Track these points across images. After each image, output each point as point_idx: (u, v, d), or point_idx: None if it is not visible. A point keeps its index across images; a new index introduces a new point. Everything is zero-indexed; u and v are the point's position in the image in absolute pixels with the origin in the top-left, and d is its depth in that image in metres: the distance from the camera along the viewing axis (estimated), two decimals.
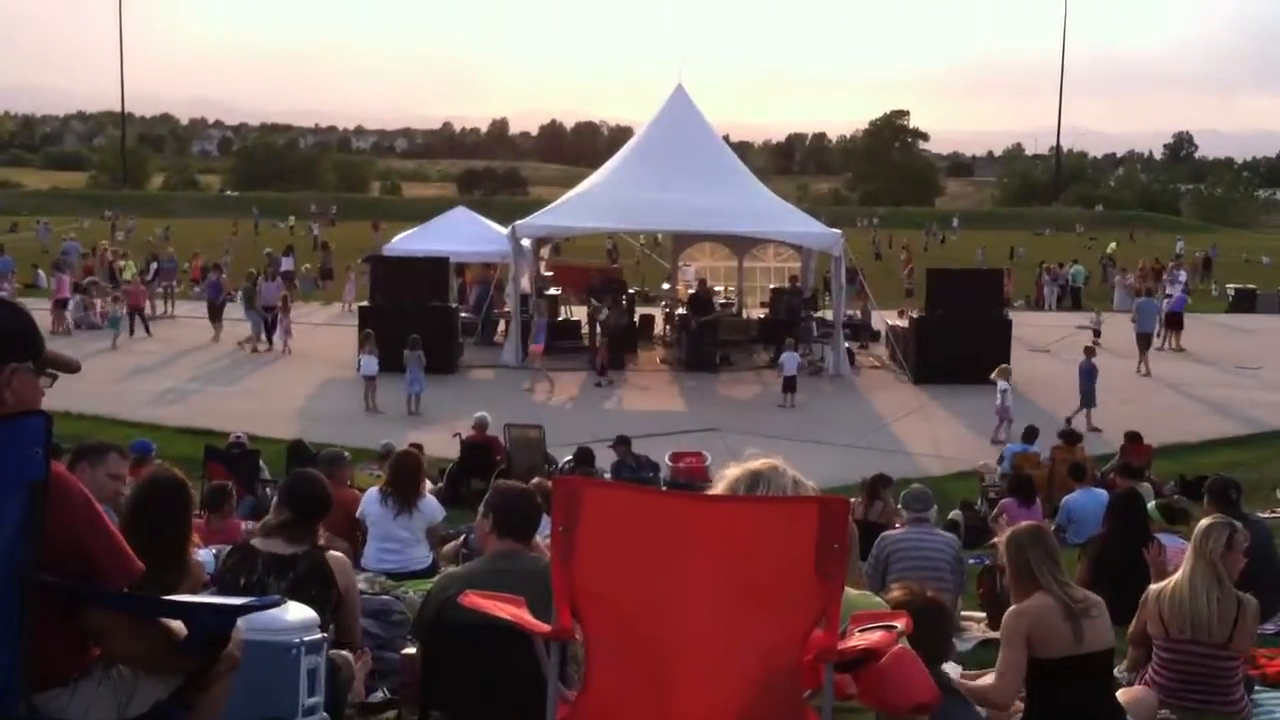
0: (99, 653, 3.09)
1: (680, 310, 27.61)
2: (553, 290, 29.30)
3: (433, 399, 20.78)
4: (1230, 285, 44.65)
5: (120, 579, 3.02)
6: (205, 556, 6.46)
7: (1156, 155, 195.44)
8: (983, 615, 8.60)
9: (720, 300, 29.27)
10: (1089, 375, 20.35)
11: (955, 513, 13.80)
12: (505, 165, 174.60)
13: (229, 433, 15.93)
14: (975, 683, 5.43)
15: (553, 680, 2.80)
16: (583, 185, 28.85)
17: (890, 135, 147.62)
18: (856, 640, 2.74)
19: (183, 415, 19.62)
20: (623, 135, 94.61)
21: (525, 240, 26.04)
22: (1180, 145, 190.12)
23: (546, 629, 2.74)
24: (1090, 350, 21.37)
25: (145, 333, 28.01)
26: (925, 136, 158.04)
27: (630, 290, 30.06)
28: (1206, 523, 6.15)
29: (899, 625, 2.85)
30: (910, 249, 56.32)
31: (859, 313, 28.89)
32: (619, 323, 26.28)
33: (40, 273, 37.96)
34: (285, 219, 78.47)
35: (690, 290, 28.46)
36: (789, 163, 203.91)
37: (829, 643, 2.59)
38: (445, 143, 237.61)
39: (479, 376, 24.13)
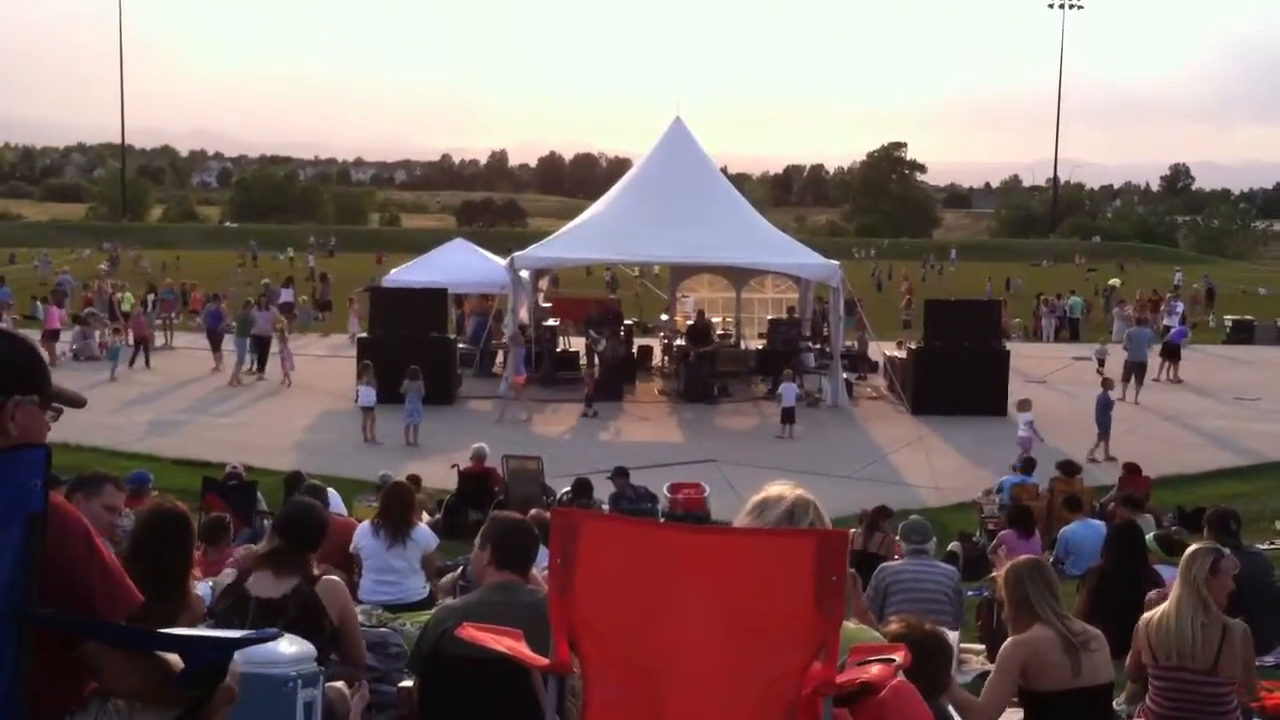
0: (95, 686, 3.08)
1: (679, 341, 27.64)
2: (551, 321, 29.34)
3: (431, 430, 20.76)
4: (1228, 316, 44.73)
5: (118, 612, 3.01)
6: (203, 590, 6.44)
7: (1153, 187, 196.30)
8: (981, 648, 8.58)
9: (718, 331, 29.30)
10: (1105, 407, 20.29)
11: (954, 544, 13.78)
12: (504, 197, 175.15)
13: (226, 464, 15.92)
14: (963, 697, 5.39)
15: (550, 714, 2.79)
16: (581, 217, 28.96)
17: (888, 167, 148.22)
18: (855, 673, 2.73)
19: (180, 446, 19.59)
20: (621, 167, 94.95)
21: (524, 272, 26.10)
22: (1177, 177, 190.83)
23: (544, 662, 2.73)
24: (1108, 383, 21.37)
25: (145, 364, 28.00)
26: (923, 168, 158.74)
27: (628, 321, 30.09)
28: (1192, 549, 6.13)
29: (897, 658, 2.85)
30: (911, 281, 56.50)
31: (855, 343, 28.92)
32: (617, 354, 26.31)
33: (39, 304, 37.96)
34: (284, 250, 78.59)
35: (688, 321, 28.50)
36: (787, 194, 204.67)
37: (827, 676, 2.59)
38: (444, 174, 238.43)
39: (477, 407, 24.11)
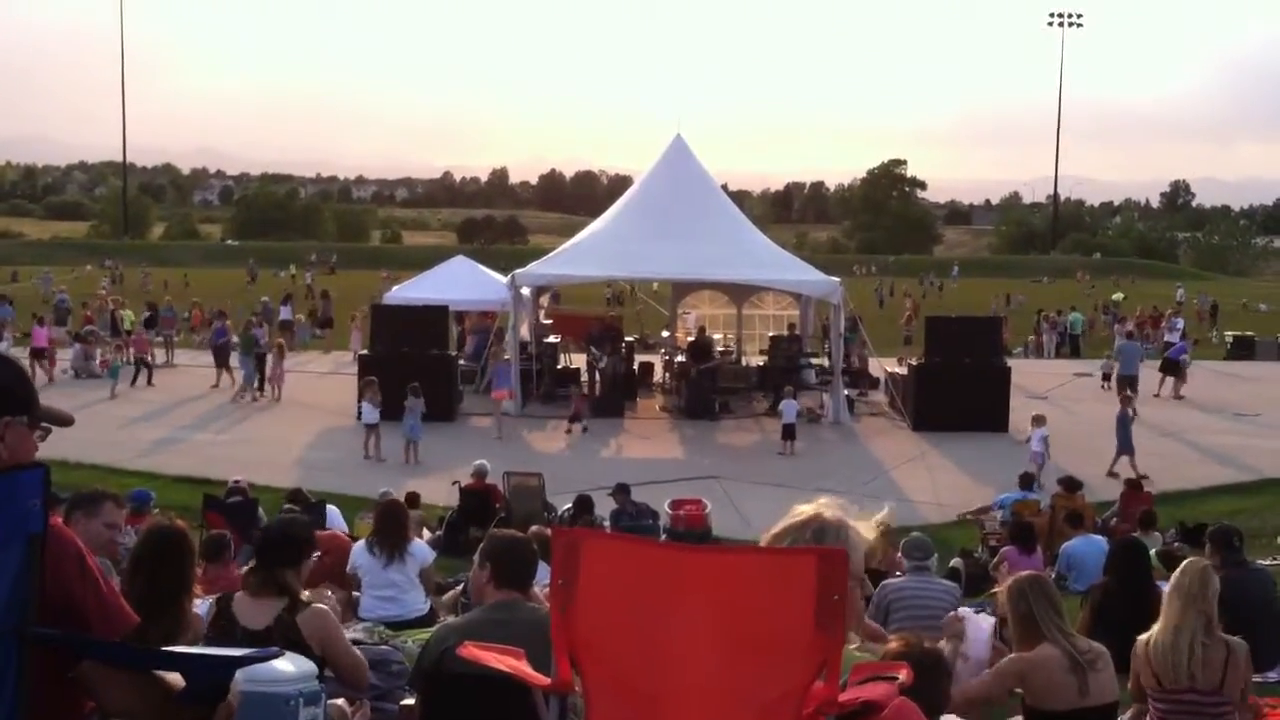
0: (94, 706, 3.07)
1: (680, 358, 27.64)
2: (552, 338, 29.36)
3: (432, 447, 20.75)
4: (1229, 333, 44.73)
5: (113, 632, 3.01)
6: (203, 608, 6.42)
7: (1154, 203, 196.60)
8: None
9: (720, 348, 29.30)
10: (1125, 423, 20.21)
11: (956, 560, 13.75)
12: (505, 214, 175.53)
13: (227, 481, 15.88)
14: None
15: None
16: (582, 234, 28.98)
17: (888, 184, 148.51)
18: (857, 693, 2.72)
19: (181, 464, 19.58)
20: (622, 184, 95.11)
21: (525, 289, 26.12)
22: (1177, 193, 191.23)
23: (546, 681, 2.72)
24: (1128, 399, 21.19)
25: (148, 382, 28.01)
26: (923, 185, 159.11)
27: (629, 338, 30.09)
28: (1185, 563, 6.08)
29: (899, 677, 2.84)
30: (915, 298, 56.61)
31: (856, 359, 28.93)
32: (618, 370, 26.31)
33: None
34: (286, 268, 78.70)
35: (690, 338, 28.50)
36: (787, 211, 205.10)
37: (829, 695, 2.58)
38: (445, 192, 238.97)
39: (478, 424, 24.09)
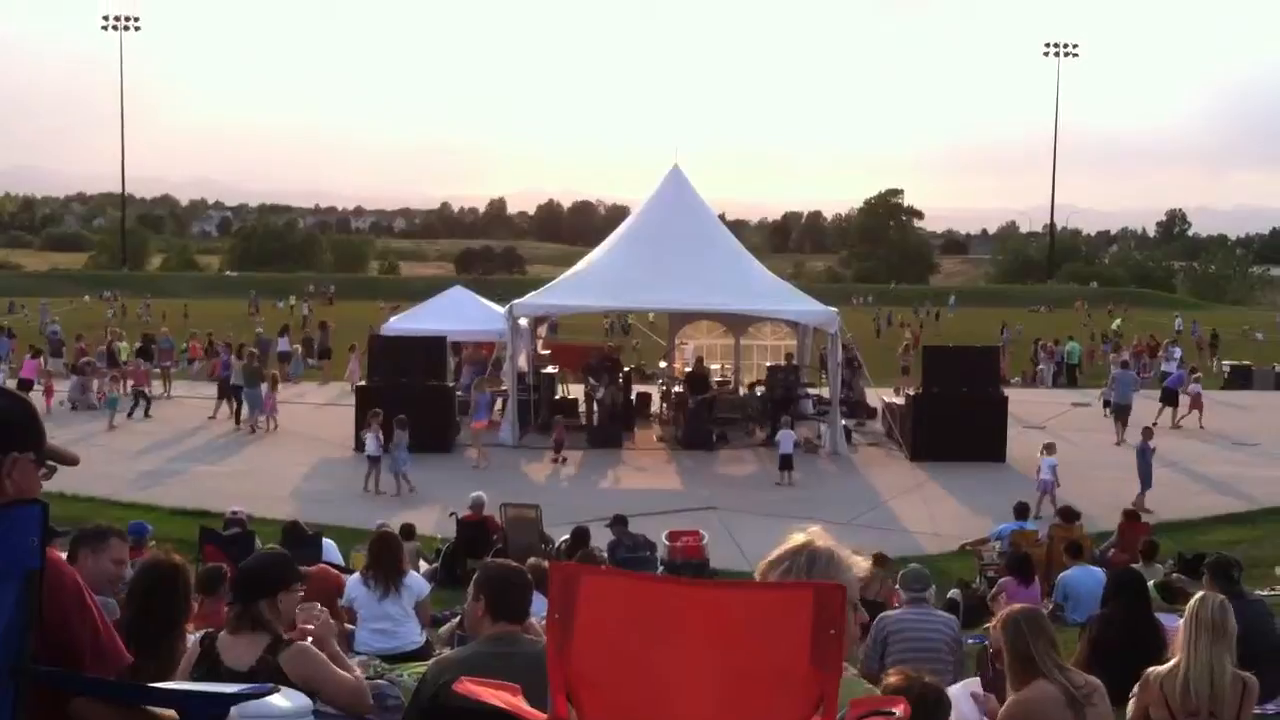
0: None
1: (677, 388, 27.64)
2: (550, 369, 29.38)
3: (429, 478, 20.72)
4: (1226, 362, 44.76)
5: (106, 670, 3.01)
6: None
7: (1149, 232, 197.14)
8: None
9: (717, 378, 29.31)
10: (1145, 455, 20.15)
11: (954, 592, 13.72)
12: (503, 244, 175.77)
13: (225, 513, 15.84)
14: None
15: None
16: (580, 264, 29.04)
17: (885, 213, 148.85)
18: None
19: (178, 496, 19.55)
20: (620, 214, 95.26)
21: (522, 319, 26.15)
22: (1173, 222, 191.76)
23: (542, 717, 2.72)
24: (1148, 431, 21.02)
25: (145, 414, 27.99)
26: (919, 215, 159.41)
27: (627, 368, 30.11)
28: (1201, 596, 6.06)
29: (897, 712, 2.84)
30: (913, 327, 56.77)
31: (854, 390, 28.94)
32: (616, 401, 26.31)
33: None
34: (285, 299, 78.78)
35: (687, 368, 28.51)
36: (785, 241, 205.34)
37: None
38: (443, 222, 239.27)
39: (474, 456, 24.06)
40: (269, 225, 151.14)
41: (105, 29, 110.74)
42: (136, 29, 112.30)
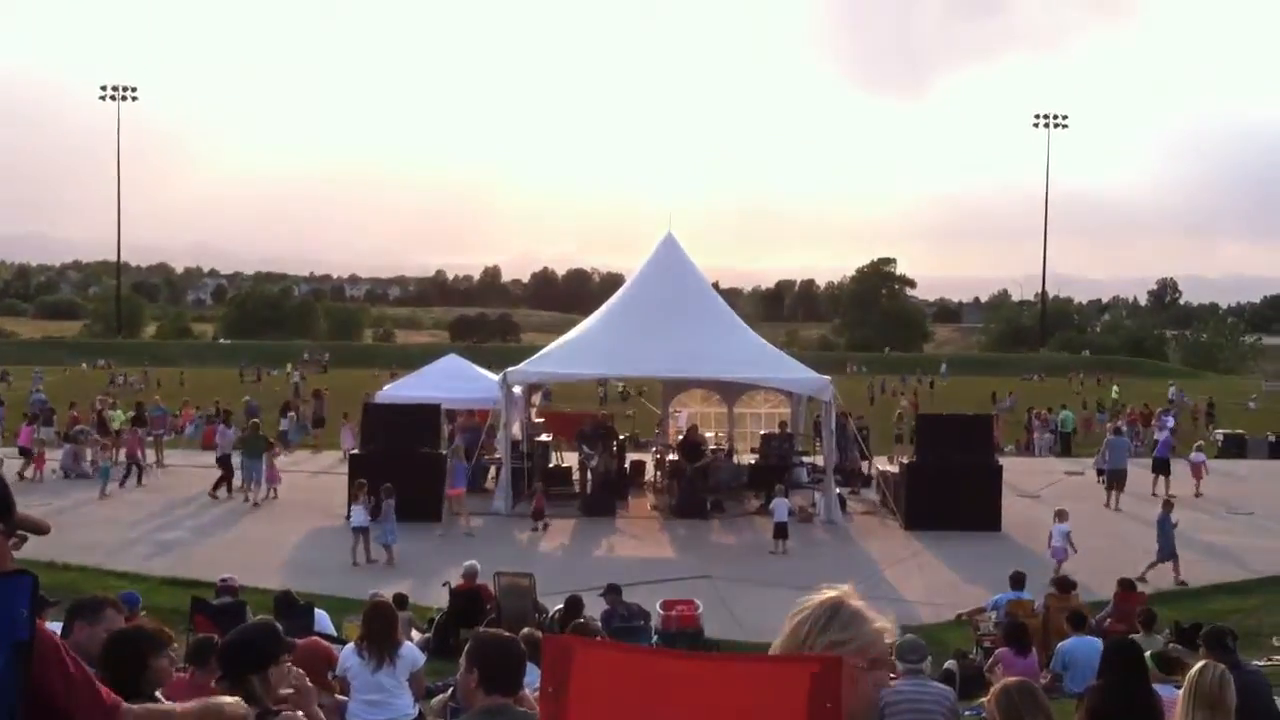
0: None
1: (671, 456, 27.58)
2: (544, 436, 29.34)
3: (422, 547, 20.62)
4: (1219, 431, 44.81)
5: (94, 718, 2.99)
6: None
7: (1141, 300, 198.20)
8: None
9: (711, 446, 29.28)
10: (1166, 527, 19.97)
11: (950, 663, 13.62)
12: (497, 312, 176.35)
13: (215, 583, 15.73)
14: None
15: None
16: (574, 332, 29.08)
17: (878, 282, 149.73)
18: None
19: (170, 565, 19.43)
20: (614, 282, 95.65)
21: (516, 387, 26.15)
22: (1164, 290, 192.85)
23: None
24: (1169, 504, 20.81)
25: (138, 482, 27.88)
26: (912, 284, 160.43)
27: (621, 436, 30.06)
28: (1200, 665, 6.01)
29: None
30: (910, 396, 56.95)
31: (849, 458, 28.91)
32: (610, 469, 26.26)
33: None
34: (282, 366, 78.80)
35: (680, 436, 28.48)
36: (778, 309, 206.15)
37: None
38: (438, 290, 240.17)
39: (464, 522, 23.96)
40: (263, 293, 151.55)
41: (103, 99, 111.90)
42: (134, 99, 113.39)
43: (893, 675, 9.48)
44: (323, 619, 13.58)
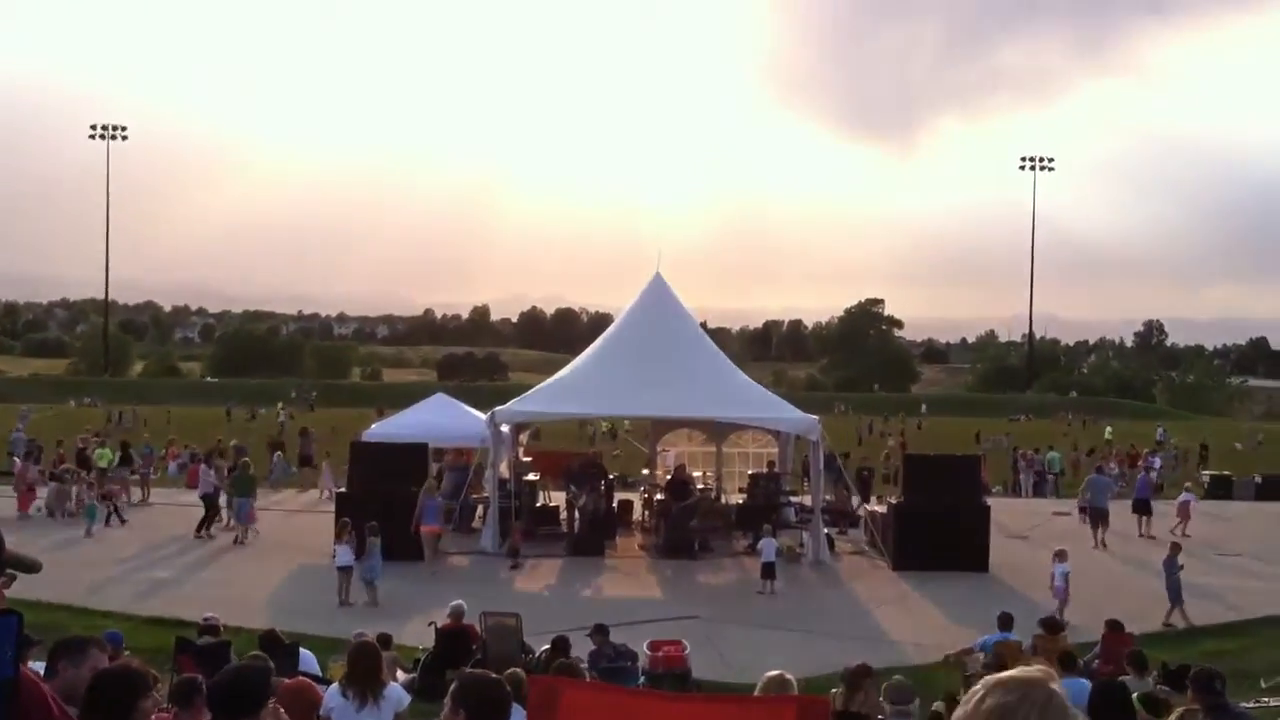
0: None
1: (659, 496, 27.53)
2: (531, 476, 29.27)
3: (408, 587, 20.51)
4: (1206, 472, 44.90)
5: None
6: None
7: (1127, 341, 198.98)
8: None
9: (699, 485, 29.24)
10: (1173, 571, 19.88)
11: (938, 704, 13.55)
12: (485, 351, 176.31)
13: (199, 622, 15.60)
14: None
15: None
16: (562, 371, 29.09)
17: (865, 322, 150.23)
18: None
19: (154, 605, 19.29)
20: (602, 321, 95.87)
21: (504, 426, 26.12)
22: (1150, 332, 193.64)
23: None
24: (1176, 547, 20.71)
25: (120, 522, 27.74)
26: (899, 324, 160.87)
27: (610, 475, 29.99)
28: (1180, 713, 6.02)
29: None
30: (898, 436, 57.05)
31: (835, 497, 28.93)
32: (598, 508, 26.20)
33: (15, 459, 37.74)
34: (271, 404, 78.66)
35: (668, 475, 28.45)
36: (766, 349, 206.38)
37: None
38: (426, 329, 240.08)
39: (455, 563, 23.88)
40: (251, 331, 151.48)
41: (93, 138, 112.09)
42: (124, 138, 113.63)
43: (881, 717, 9.47)
44: (308, 659, 13.48)
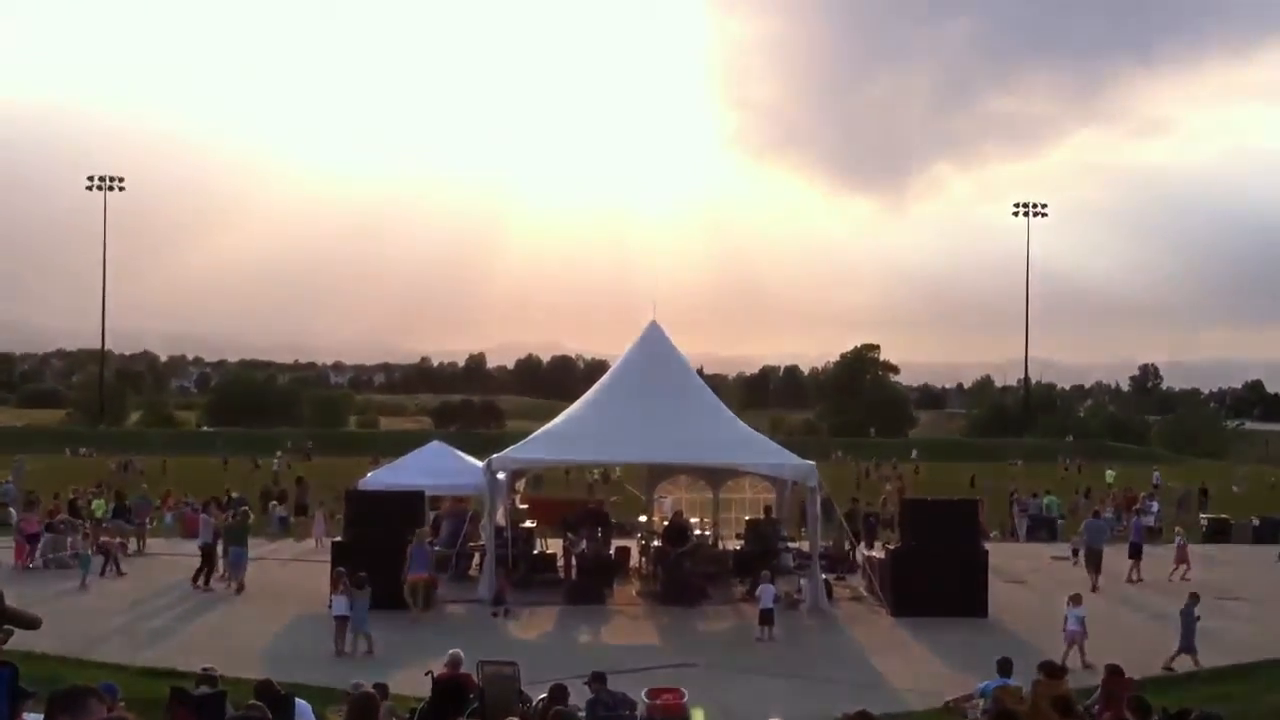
0: None
1: (656, 543, 27.45)
2: (528, 523, 29.19)
3: (404, 636, 20.41)
4: (1204, 516, 44.79)
5: None
6: None
7: (1123, 386, 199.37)
8: None
9: (697, 531, 29.17)
10: (1189, 617, 19.77)
11: None
12: (482, 399, 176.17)
13: (195, 673, 15.50)
14: None
15: None
16: (558, 418, 29.07)
17: (861, 368, 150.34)
18: None
19: (149, 655, 19.17)
20: (599, 368, 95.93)
21: (500, 473, 26.08)
22: (1146, 376, 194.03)
23: None
24: (1194, 596, 20.47)
25: (117, 572, 27.64)
26: (895, 369, 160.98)
27: (611, 521, 29.89)
28: None
29: None
30: (896, 481, 56.98)
31: (832, 544, 28.86)
32: (598, 555, 26.11)
33: (11, 510, 37.69)
34: (270, 453, 78.53)
35: (665, 522, 28.38)
36: (762, 395, 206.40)
37: None
38: (423, 377, 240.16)
39: (452, 612, 23.77)
40: (248, 380, 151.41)
41: (90, 189, 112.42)
42: (121, 189, 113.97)
43: None
44: (303, 709, 13.38)
